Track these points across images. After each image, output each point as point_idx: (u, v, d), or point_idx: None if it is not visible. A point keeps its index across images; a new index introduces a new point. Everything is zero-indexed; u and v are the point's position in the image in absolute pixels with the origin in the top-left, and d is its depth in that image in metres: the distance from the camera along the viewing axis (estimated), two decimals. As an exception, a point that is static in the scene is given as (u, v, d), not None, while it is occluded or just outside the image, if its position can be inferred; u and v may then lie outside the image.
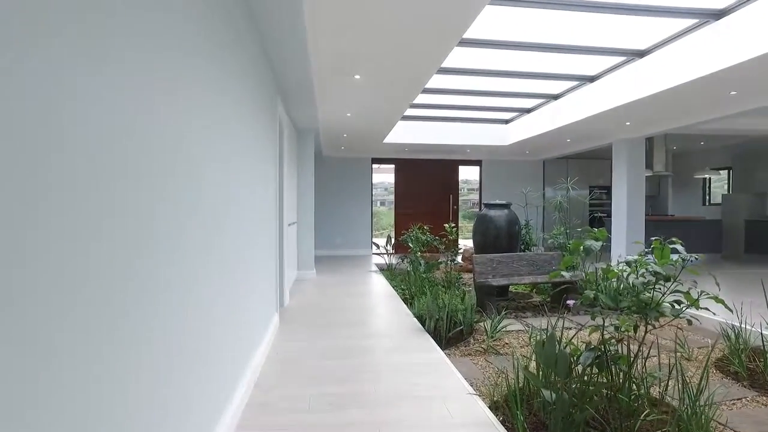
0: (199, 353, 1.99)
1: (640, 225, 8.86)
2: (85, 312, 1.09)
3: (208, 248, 2.11)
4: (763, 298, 3.98)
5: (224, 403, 2.44)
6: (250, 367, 3.15)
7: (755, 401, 3.19)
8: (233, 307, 2.64)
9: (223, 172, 2.39)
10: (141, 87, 1.40)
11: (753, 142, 10.86)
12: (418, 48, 4.29)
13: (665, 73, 5.56)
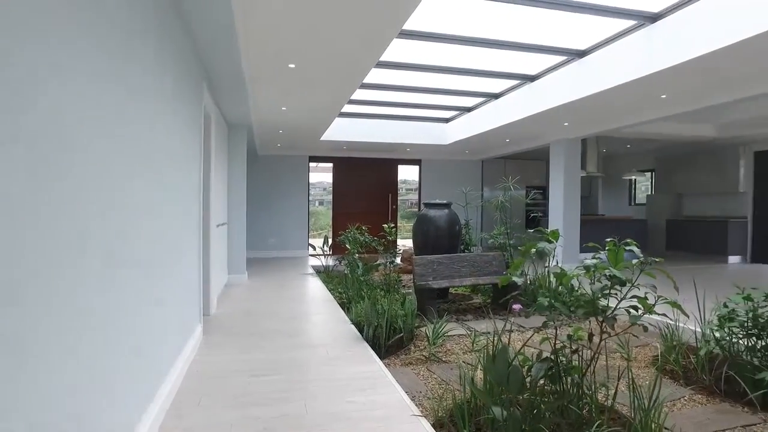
0: (77, 386, 1.59)
1: (576, 224, 9.04)
2: None
3: (83, 257, 1.70)
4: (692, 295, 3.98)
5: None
6: (161, 389, 2.73)
7: (692, 400, 3.15)
8: (129, 326, 2.22)
9: (114, 168, 1.98)
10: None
11: (673, 146, 11.43)
12: (356, 37, 3.99)
13: (603, 74, 5.58)
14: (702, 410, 3.00)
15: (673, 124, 9.15)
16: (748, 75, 5.18)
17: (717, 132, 9.84)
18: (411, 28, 4.93)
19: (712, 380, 3.32)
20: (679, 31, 4.61)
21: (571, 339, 2.17)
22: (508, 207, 7.10)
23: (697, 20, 4.44)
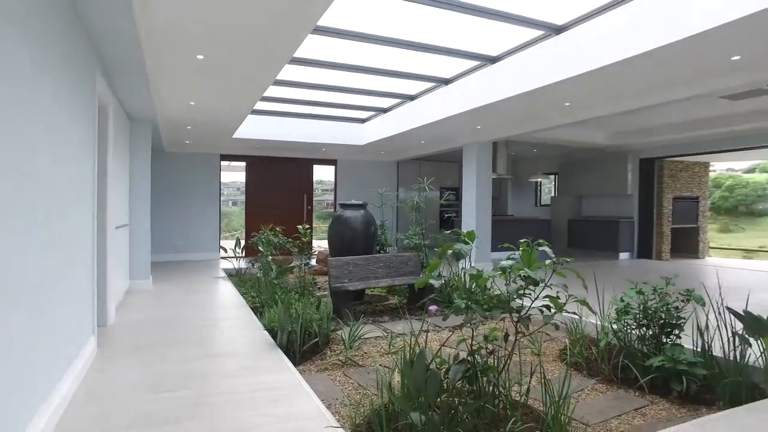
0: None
1: (487, 224, 9.39)
2: None
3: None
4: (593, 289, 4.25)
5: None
6: (38, 418, 2.40)
7: (594, 390, 3.34)
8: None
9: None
10: None
11: (574, 151, 12.28)
12: (270, 30, 3.80)
13: (513, 80, 5.82)
14: (603, 398, 3.19)
15: (574, 130, 9.82)
16: (633, 89, 5.65)
17: (609, 140, 10.70)
18: (327, 25, 4.82)
19: (610, 369, 3.56)
20: (580, 44, 4.91)
21: (487, 340, 2.19)
22: (423, 208, 7.22)
23: (595, 35, 4.76)
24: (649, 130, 9.96)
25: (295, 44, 4.18)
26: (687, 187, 11.76)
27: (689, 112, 8.31)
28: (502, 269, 2.22)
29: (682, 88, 5.48)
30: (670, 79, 5.29)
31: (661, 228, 11.27)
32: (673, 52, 4.37)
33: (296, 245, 6.95)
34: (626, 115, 7.99)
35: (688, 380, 3.11)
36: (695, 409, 3.00)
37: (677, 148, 10.54)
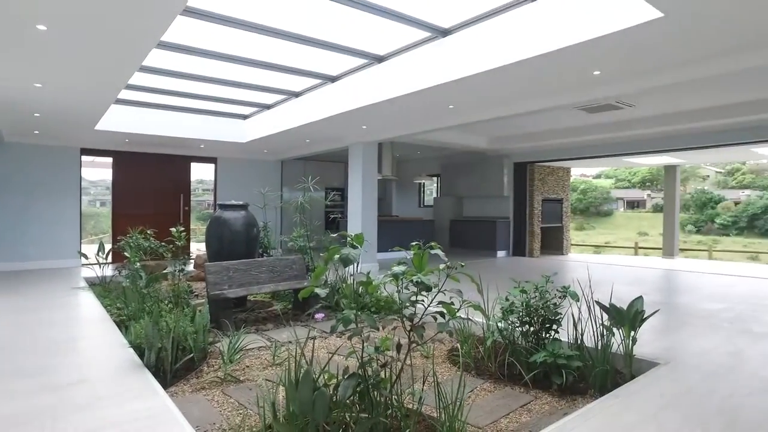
0: None
1: (373, 225, 9.38)
2: None
3: None
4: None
5: None
6: None
7: (483, 389, 3.37)
8: None
9: None
10: None
11: (455, 154, 12.83)
12: (131, 2, 3.31)
13: (399, 80, 5.81)
14: (492, 398, 3.22)
15: (456, 134, 10.20)
16: (509, 96, 5.96)
17: (488, 144, 11.32)
18: (206, 8, 4.40)
19: (496, 367, 3.63)
20: (464, 48, 5.02)
21: (379, 351, 2.05)
22: (308, 208, 6.95)
23: (478, 41, 4.89)
24: (522, 136, 10.69)
25: (164, 22, 3.70)
26: (553, 189, 12.85)
27: (555, 121, 9.04)
28: (394, 276, 2.09)
29: (550, 98, 5.87)
30: (540, 89, 5.64)
31: (532, 227, 12.18)
32: (542, 64, 4.63)
33: (170, 249, 6.31)
34: (503, 120, 8.45)
35: (566, 373, 3.25)
36: (572, 400, 3.15)
37: (545, 154, 11.46)
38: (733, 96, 7.10)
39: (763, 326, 4.80)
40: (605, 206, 42.42)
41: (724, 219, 34.62)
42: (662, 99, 7.23)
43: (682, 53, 4.36)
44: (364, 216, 9.17)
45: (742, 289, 7.08)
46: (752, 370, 3.50)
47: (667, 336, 4.33)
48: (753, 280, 8.06)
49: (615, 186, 44.19)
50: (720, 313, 5.41)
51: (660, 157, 11.45)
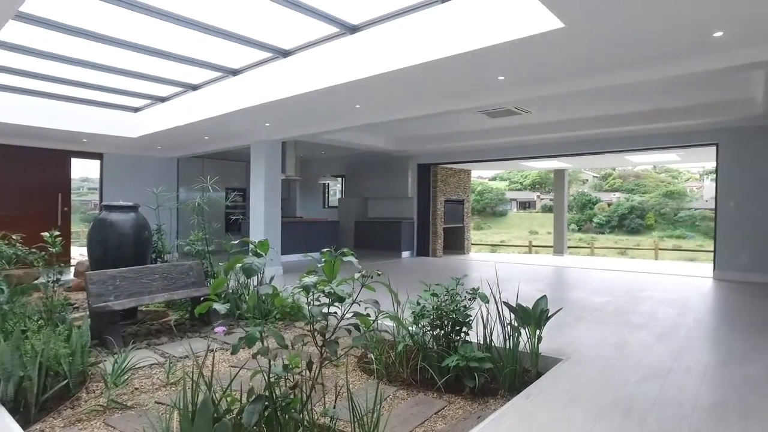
0: None
1: (277, 227, 9.02)
2: None
3: None
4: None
5: None
6: None
7: (396, 397, 3.28)
8: None
9: None
10: None
11: (360, 154, 12.79)
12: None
13: (305, 76, 5.59)
14: (405, 405, 3.13)
15: (361, 134, 10.13)
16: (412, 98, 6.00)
17: (393, 145, 11.41)
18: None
19: (408, 373, 3.56)
20: (372, 46, 4.93)
21: (288, 370, 1.85)
22: (207, 210, 6.47)
23: (386, 40, 4.83)
24: (427, 138, 10.91)
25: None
26: (455, 191, 13.28)
27: (459, 124, 9.32)
28: (305, 288, 1.90)
29: (456, 101, 5.99)
30: (447, 92, 5.73)
31: (435, 228, 12.48)
32: (449, 67, 4.68)
33: (41, 257, 5.52)
34: (408, 122, 8.53)
35: (478, 376, 3.26)
36: (485, 402, 3.16)
37: (449, 156, 11.79)
38: (613, 108, 7.77)
39: (640, 317, 5.24)
40: (500, 207, 45.07)
41: (599, 218, 38.34)
42: (555, 107, 7.72)
43: (578, 64, 4.62)
44: (267, 217, 8.79)
45: (620, 283, 7.75)
46: (637, 359, 3.76)
47: (566, 331, 4.56)
48: (628, 274, 8.88)
49: (509, 188, 47.10)
50: (605, 306, 5.84)
51: (552, 162, 12.28)
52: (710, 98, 7.21)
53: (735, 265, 8.07)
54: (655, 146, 8.89)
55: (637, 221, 36.95)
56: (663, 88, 6.52)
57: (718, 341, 4.39)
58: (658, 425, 2.62)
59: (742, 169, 8.02)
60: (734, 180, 8.11)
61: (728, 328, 4.93)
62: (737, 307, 5.99)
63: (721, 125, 7.95)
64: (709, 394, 3.08)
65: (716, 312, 5.81)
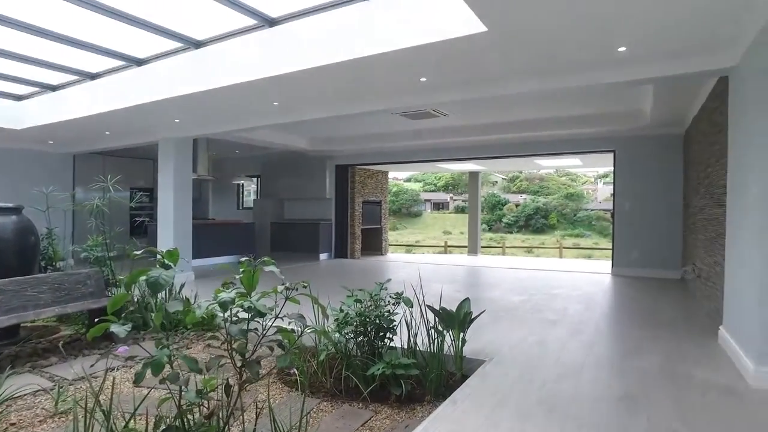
0: None
1: (188, 230, 8.47)
2: None
3: None
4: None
5: None
6: None
7: (320, 410, 3.13)
8: None
9: None
10: None
11: (277, 154, 12.40)
12: None
13: (219, 70, 5.25)
14: (330, 419, 2.98)
15: (277, 133, 9.79)
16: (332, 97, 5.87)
17: (310, 145, 11.16)
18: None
19: (332, 383, 3.41)
20: (292, 41, 4.72)
21: (203, 395, 1.64)
22: (107, 212, 5.88)
23: (306, 35, 4.64)
24: (345, 138, 10.79)
25: None
26: (373, 192, 13.28)
27: (377, 126, 9.29)
28: (222, 304, 1.69)
29: (378, 102, 5.92)
30: (368, 92, 5.65)
31: (354, 229, 12.39)
32: (371, 66, 4.60)
33: None
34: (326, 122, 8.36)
35: (404, 383, 3.19)
36: (412, 409, 3.10)
37: (367, 157, 11.75)
38: (524, 114, 8.14)
39: (554, 314, 5.49)
40: (415, 207, 46.09)
41: (508, 219, 40.47)
42: (471, 111, 7.92)
43: (499, 70, 4.72)
44: (176, 219, 8.21)
45: (533, 281, 8.12)
46: (555, 356, 3.90)
47: (487, 331, 4.64)
48: (539, 273, 9.35)
49: (423, 189, 48.29)
50: (522, 304, 6.06)
51: (467, 164, 12.68)
52: (609, 109, 7.77)
53: (629, 262, 8.76)
54: (561, 151, 9.43)
55: (541, 221, 39.40)
56: (569, 98, 6.91)
57: (620, 335, 4.69)
58: (578, 421, 2.69)
59: (634, 174, 8.73)
60: (628, 184, 8.81)
61: (628, 322, 5.28)
62: (633, 300, 6.47)
63: (618, 134, 8.59)
64: (618, 387, 3.25)
65: (617, 306, 6.23)
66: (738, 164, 4.00)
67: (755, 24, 3.43)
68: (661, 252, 8.46)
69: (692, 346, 4.19)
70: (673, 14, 3.44)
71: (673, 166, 8.35)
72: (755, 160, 3.43)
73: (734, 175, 4.10)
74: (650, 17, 3.49)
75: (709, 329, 4.71)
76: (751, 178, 3.54)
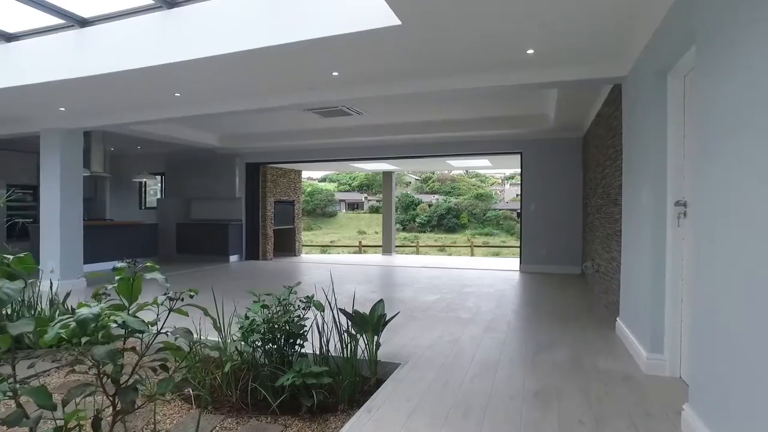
0: None
1: (78, 232, 7.63)
2: None
3: None
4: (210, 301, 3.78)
5: None
6: None
7: (224, 428, 2.84)
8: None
9: None
10: None
11: (183, 150, 11.63)
12: None
13: (111, 53, 4.72)
14: (234, 439, 2.72)
15: (183, 128, 9.15)
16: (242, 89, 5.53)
17: (219, 141, 10.58)
18: None
19: (238, 396, 3.13)
20: (194, 24, 4.35)
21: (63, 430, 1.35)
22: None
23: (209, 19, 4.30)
24: (255, 136, 10.34)
25: None
26: (285, 191, 12.88)
27: (288, 123, 8.98)
28: (81, 322, 1.38)
29: (287, 96, 5.67)
30: (278, 86, 5.38)
31: (266, 230, 11.93)
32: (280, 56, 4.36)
33: None
34: (235, 117, 7.93)
35: (316, 392, 3.00)
36: (324, 421, 2.91)
37: (278, 156, 11.36)
38: (437, 114, 8.24)
39: (467, 312, 5.56)
40: (330, 207, 45.81)
41: (421, 218, 41.44)
42: (385, 110, 7.87)
43: (413, 66, 4.66)
44: (64, 220, 7.36)
45: (446, 280, 8.25)
46: (469, 355, 3.90)
47: (402, 332, 4.56)
48: (451, 271, 9.53)
49: (338, 189, 48.14)
50: (436, 304, 6.09)
51: (381, 164, 12.67)
52: (517, 112, 8.09)
53: (535, 259, 9.19)
54: (472, 152, 9.69)
55: (453, 221, 40.75)
56: (480, 101, 7.07)
57: (531, 330, 4.81)
58: (495, 420, 2.66)
59: (539, 175, 9.17)
60: (534, 185, 9.24)
61: (537, 317, 5.46)
62: (540, 296, 6.75)
63: (525, 136, 8.98)
64: (532, 383, 3.29)
65: (526, 302, 6.44)
66: (630, 167, 4.25)
67: (643, 39, 3.66)
68: (564, 249, 8.96)
69: (595, 337, 4.40)
70: (573, 23, 3.57)
71: (574, 168, 8.87)
72: (644, 162, 3.65)
73: (628, 177, 4.35)
74: (554, 23, 3.59)
75: (608, 321, 4.99)
76: (640, 181, 3.77)
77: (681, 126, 3.34)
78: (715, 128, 2.27)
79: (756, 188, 1.80)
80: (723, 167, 2.17)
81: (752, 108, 1.84)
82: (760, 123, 1.77)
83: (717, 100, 2.24)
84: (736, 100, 2.01)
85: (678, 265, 3.35)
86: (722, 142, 2.18)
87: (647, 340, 3.51)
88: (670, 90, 3.41)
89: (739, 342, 1.92)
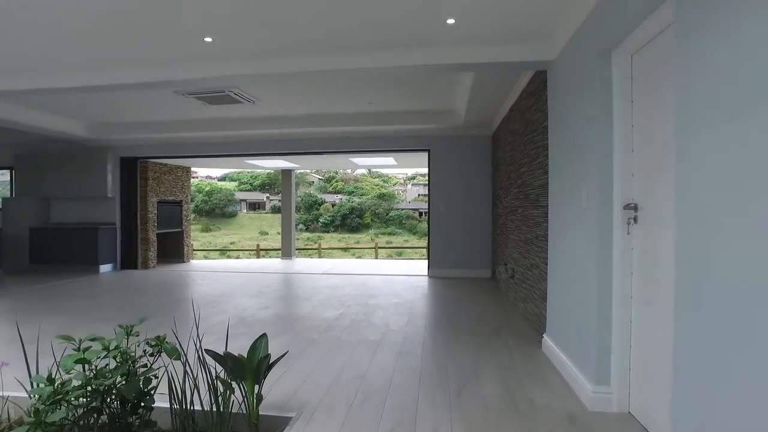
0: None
1: None
2: None
3: None
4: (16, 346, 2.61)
5: None
6: None
7: None
8: None
9: None
10: None
11: (40, 141, 9.70)
12: None
13: None
14: None
15: (37, 113, 7.42)
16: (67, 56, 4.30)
17: (86, 131, 8.89)
18: None
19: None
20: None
21: None
22: None
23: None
24: (129, 125, 8.82)
25: None
26: (171, 191, 11.33)
27: (168, 111, 7.63)
28: None
29: (153, 69, 4.52)
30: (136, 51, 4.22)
31: (146, 234, 10.33)
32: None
33: None
34: (104, 103, 6.54)
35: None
36: None
37: (159, 149, 9.85)
38: (338, 107, 7.39)
39: (375, 332, 4.78)
40: (230, 208, 43.54)
41: (325, 218, 40.58)
42: (282, 99, 6.88)
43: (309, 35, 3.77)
44: None
45: (349, 289, 7.43)
46: (380, 397, 3.09)
47: (296, 366, 3.67)
48: (355, 278, 8.72)
49: (238, 188, 45.92)
50: (339, 321, 5.24)
51: (279, 161, 11.56)
52: (425, 106, 7.48)
53: (445, 263, 8.69)
54: (377, 149, 8.98)
55: (357, 220, 40.33)
56: (387, 89, 6.34)
57: (450, 352, 4.11)
58: None
59: (448, 174, 8.68)
60: (443, 184, 8.73)
61: (454, 334, 4.78)
62: (453, 305, 6.15)
63: (432, 133, 8.43)
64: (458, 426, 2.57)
65: (440, 315, 5.76)
66: (559, 164, 3.72)
67: (583, 10, 3.11)
68: (474, 252, 8.55)
69: (523, 359, 3.82)
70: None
71: (483, 168, 8.49)
72: (582, 159, 3.09)
73: (556, 176, 3.82)
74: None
75: (531, 336, 4.47)
76: (575, 181, 3.21)
77: (629, 115, 2.80)
78: (702, 110, 1.67)
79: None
80: (717, 160, 1.57)
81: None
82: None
83: (707, 72, 1.63)
84: (741, 69, 1.39)
85: (627, 280, 2.80)
86: (715, 128, 1.58)
87: (592, 370, 2.93)
88: (616, 72, 2.86)
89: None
